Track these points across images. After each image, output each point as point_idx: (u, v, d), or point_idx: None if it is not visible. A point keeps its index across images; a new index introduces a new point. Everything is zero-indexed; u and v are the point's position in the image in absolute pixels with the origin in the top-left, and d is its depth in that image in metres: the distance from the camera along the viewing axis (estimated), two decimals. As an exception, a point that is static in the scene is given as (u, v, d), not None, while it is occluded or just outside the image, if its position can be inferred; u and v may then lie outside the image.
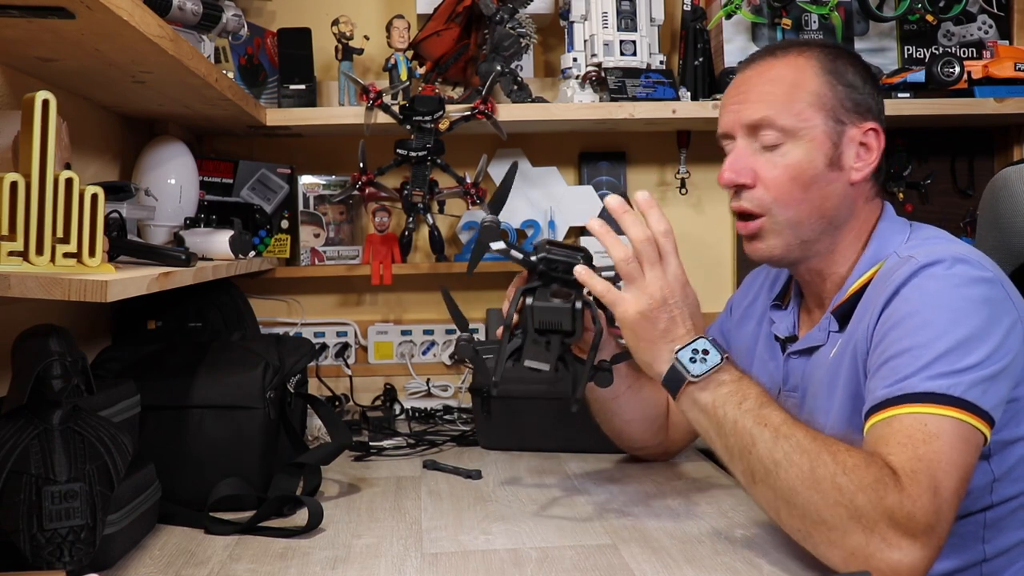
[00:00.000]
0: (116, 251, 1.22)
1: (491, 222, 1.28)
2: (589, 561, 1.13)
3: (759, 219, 1.24)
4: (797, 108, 1.22)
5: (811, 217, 1.23)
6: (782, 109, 1.22)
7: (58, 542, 0.99)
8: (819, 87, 1.23)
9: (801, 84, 1.23)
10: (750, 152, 1.24)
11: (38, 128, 0.96)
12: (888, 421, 1.04)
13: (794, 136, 1.21)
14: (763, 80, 1.24)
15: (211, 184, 1.95)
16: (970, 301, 1.09)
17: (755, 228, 1.24)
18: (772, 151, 1.22)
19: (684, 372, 1.13)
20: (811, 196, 1.22)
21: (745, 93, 1.25)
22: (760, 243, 1.25)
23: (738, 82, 1.28)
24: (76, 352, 1.03)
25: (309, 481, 1.41)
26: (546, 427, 1.66)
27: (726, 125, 1.27)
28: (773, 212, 1.23)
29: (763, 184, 1.22)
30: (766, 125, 1.22)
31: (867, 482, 0.99)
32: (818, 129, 1.21)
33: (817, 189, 1.22)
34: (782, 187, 1.22)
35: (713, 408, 1.11)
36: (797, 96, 1.22)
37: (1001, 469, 1.15)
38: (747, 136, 1.24)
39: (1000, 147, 2.24)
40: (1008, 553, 1.17)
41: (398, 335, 2.15)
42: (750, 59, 1.30)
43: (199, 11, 1.55)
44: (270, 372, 1.40)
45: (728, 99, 1.28)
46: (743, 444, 1.08)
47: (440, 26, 1.97)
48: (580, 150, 2.23)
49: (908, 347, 1.07)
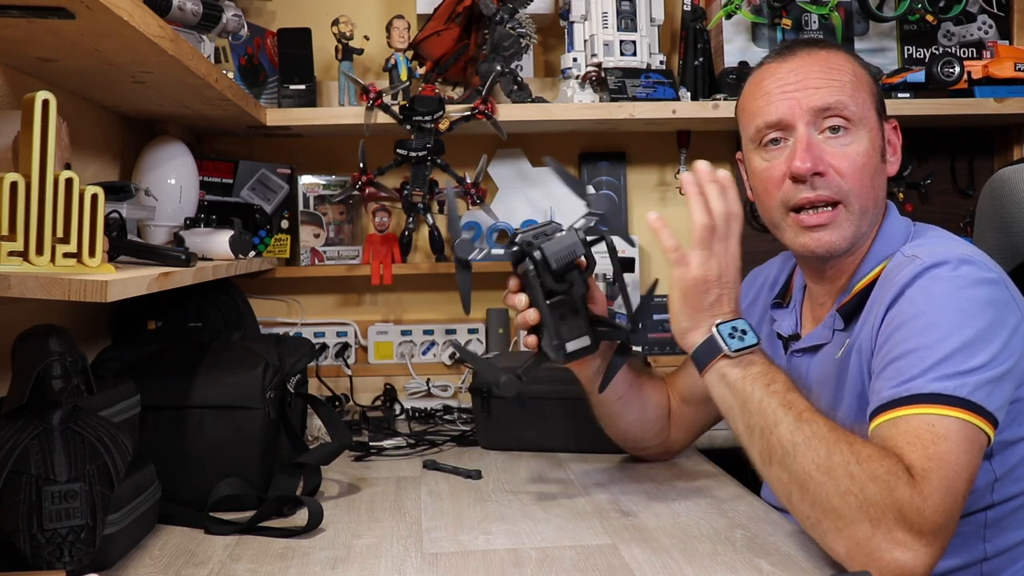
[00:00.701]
0: (116, 251, 1.22)
1: (461, 241, 1.28)
2: (589, 561, 1.13)
3: (834, 208, 1.21)
4: (861, 97, 1.22)
5: (873, 207, 1.23)
6: (850, 96, 1.21)
7: (58, 542, 0.99)
8: (869, 81, 1.25)
9: (859, 75, 1.24)
10: (818, 139, 1.22)
11: (38, 128, 0.96)
12: (895, 421, 1.04)
13: (859, 125, 1.22)
14: (826, 67, 1.23)
15: (211, 184, 1.95)
16: (975, 302, 1.09)
17: (830, 217, 1.21)
18: (837, 139, 1.21)
19: (722, 344, 1.15)
20: (875, 185, 1.23)
21: (805, 80, 1.22)
22: (832, 234, 1.22)
23: (785, 70, 1.24)
24: (76, 352, 1.03)
25: (309, 481, 1.41)
26: (546, 427, 1.66)
27: (783, 111, 1.23)
28: (848, 201, 1.21)
29: (837, 172, 1.20)
30: (836, 111, 1.21)
31: (879, 472, 0.99)
32: (874, 120, 1.24)
33: (877, 179, 1.23)
34: (855, 175, 1.21)
35: (742, 384, 1.12)
36: (859, 86, 1.23)
37: (1003, 469, 1.15)
38: (809, 124, 1.22)
39: (1000, 147, 2.24)
40: (1008, 552, 1.18)
41: (398, 335, 2.15)
42: (789, 50, 1.27)
43: (199, 11, 1.55)
44: (270, 372, 1.40)
45: (779, 87, 1.24)
46: (765, 424, 1.08)
47: (440, 26, 1.98)
48: (580, 150, 2.23)
49: (914, 348, 1.07)
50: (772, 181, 1.24)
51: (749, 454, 1.14)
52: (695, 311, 1.18)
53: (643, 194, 2.24)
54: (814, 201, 1.21)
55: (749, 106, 1.28)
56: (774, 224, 1.28)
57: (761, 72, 1.28)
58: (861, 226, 1.22)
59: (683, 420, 1.54)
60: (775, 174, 1.24)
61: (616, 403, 1.44)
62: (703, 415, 1.53)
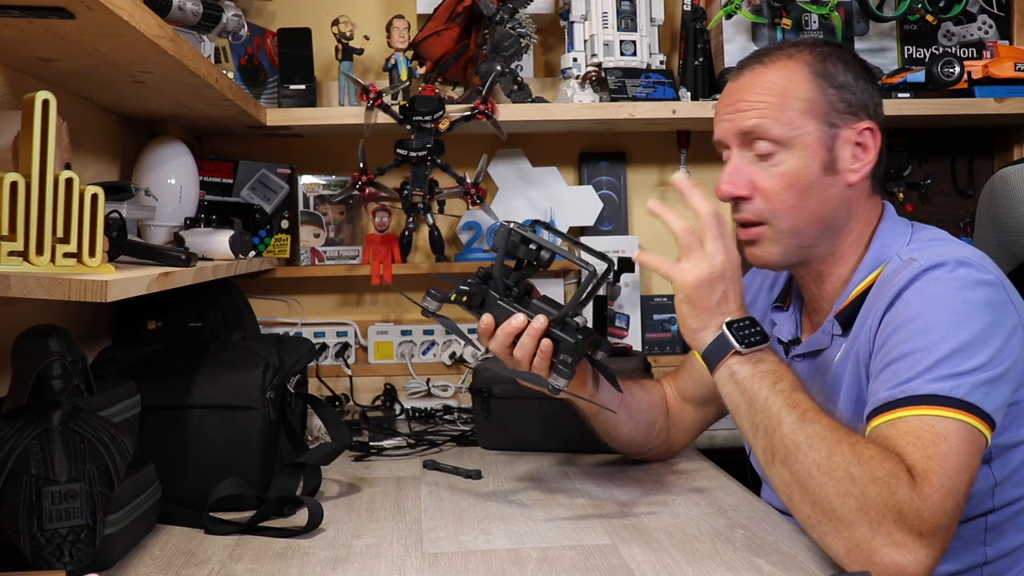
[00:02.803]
0: (116, 251, 1.22)
1: (426, 301, 1.29)
2: (589, 561, 1.13)
3: (759, 227, 1.24)
4: (788, 116, 1.21)
5: (810, 223, 1.23)
6: (773, 118, 1.21)
7: (58, 542, 0.99)
8: (809, 92, 1.21)
9: (790, 91, 1.21)
10: (746, 162, 1.23)
11: (38, 128, 0.96)
12: (893, 423, 1.04)
13: (787, 145, 1.21)
14: (753, 89, 1.23)
15: (211, 184, 1.95)
16: (973, 304, 1.09)
17: (755, 235, 1.24)
18: (766, 160, 1.22)
19: (732, 342, 1.15)
20: (809, 203, 1.22)
21: (736, 103, 1.24)
22: (759, 250, 1.25)
23: (730, 91, 1.27)
24: (76, 352, 1.03)
25: (309, 481, 1.41)
26: (546, 427, 1.66)
27: (720, 133, 1.27)
28: (772, 221, 1.23)
29: (761, 194, 1.22)
30: (759, 135, 1.21)
31: (880, 474, 0.99)
32: (811, 136, 1.21)
33: (814, 195, 1.21)
34: (779, 197, 1.21)
35: (749, 382, 1.13)
36: (787, 104, 1.21)
37: (1002, 473, 1.15)
38: (741, 146, 1.24)
39: (1000, 147, 2.24)
40: (1009, 556, 1.18)
41: (398, 335, 2.15)
42: (740, 66, 1.29)
43: (199, 11, 1.55)
44: (270, 372, 1.40)
45: (721, 108, 1.28)
46: (769, 422, 1.09)
47: (440, 26, 1.98)
48: (580, 150, 2.23)
49: (911, 350, 1.07)
50: None
51: (754, 452, 1.14)
52: (703, 311, 1.17)
53: (643, 194, 2.24)
54: (740, 221, 1.25)
55: None
56: None
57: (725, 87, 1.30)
58: (798, 241, 1.23)
59: (683, 420, 1.54)
60: None
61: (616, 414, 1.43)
62: (703, 414, 1.53)
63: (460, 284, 1.27)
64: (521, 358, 1.25)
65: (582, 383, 1.33)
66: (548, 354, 1.24)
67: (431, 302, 1.29)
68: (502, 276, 1.27)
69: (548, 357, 1.24)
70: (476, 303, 1.27)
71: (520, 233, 1.26)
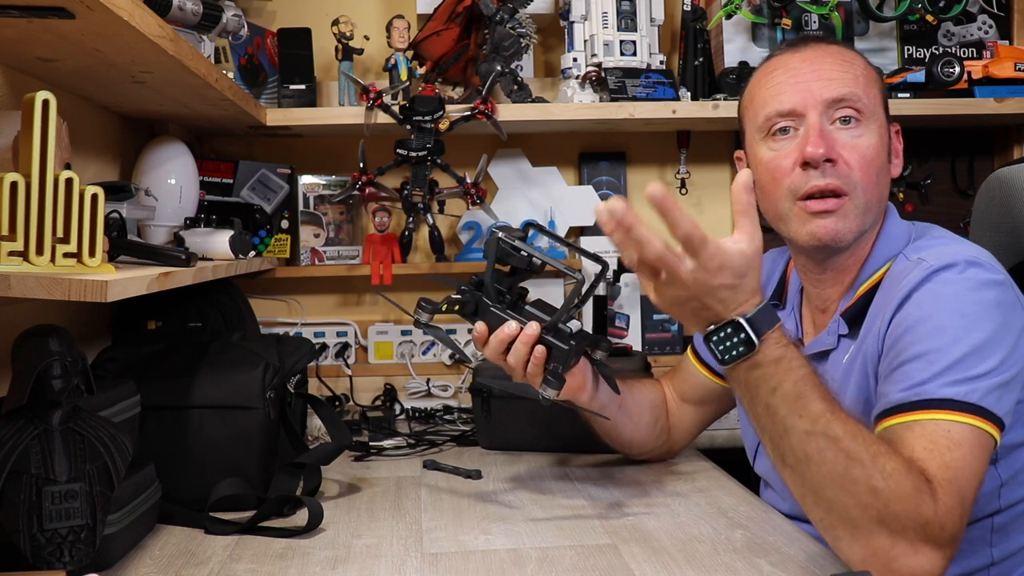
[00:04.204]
0: (116, 251, 1.22)
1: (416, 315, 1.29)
2: (589, 561, 1.13)
3: (842, 197, 1.19)
4: (872, 92, 1.22)
5: (874, 205, 1.21)
6: (862, 90, 1.21)
7: (58, 542, 0.99)
8: (878, 80, 1.25)
9: (869, 73, 1.24)
10: (828, 128, 1.20)
11: (38, 128, 0.96)
12: (908, 425, 1.03)
13: (869, 119, 1.21)
14: (839, 60, 1.23)
15: (211, 184, 1.95)
16: (983, 305, 1.08)
17: (835, 206, 1.18)
18: (848, 130, 1.20)
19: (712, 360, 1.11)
20: (880, 183, 1.21)
21: (819, 71, 1.21)
22: (838, 223, 1.19)
23: (804, 59, 1.23)
24: (76, 352, 1.03)
25: (309, 481, 1.41)
26: (546, 427, 1.66)
27: (794, 101, 1.21)
28: (856, 192, 1.19)
29: (846, 163, 1.19)
30: (849, 102, 1.19)
31: (906, 491, 0.96)
32: (883, 118, 1.23)
33: (882, 177, 1.22)
34: (864, 168, 1.19)
35: (744, 390, 1.05)
36: (870, 82, 1.23)
37: (1008, 473, 1.15)
38: (822, 113, 1.20)
39: (1000, 147, 2.24)
40: (1015, 556, 1.18)
41: (398, 335, 2.15)
42: (802, 42, 1.27)
43: (199, 11, 1.55)
44: (270, 372, 1.40)
45: (794, 76, 1.22)
46: (775, 431, 1.02)
47: (440, 26, 1.98)
48: (580, 150, 2.23)
49: (923, 351, 1.06)
50: (780, 170, 1.21)
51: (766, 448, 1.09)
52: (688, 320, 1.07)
53: (643, 194, 2.23)
54: (823, 189, 1.19)
55: (759, 95, 1.26)
56: (779, 215, 1.24)
57: (772, 63, 1.27)
58: (864, 221, 1.20)
59: (683, 420, 1.54)
60: (784, 163, 1.21)
61: (618, 413, 1.42)
62: (702, 414, 1.53)
63: (453, 292, 1.27)
64: (515, 365, 1.23)
65: (582, 384, 1.32)
66: (541, 360, 1.22)
67: (422, 313, 1.28)
68: (494, 282, 1.26)
69: (542, 363, 1.22)
70: (469, 310, 1.27)
71: (508, 243, 1.26)
